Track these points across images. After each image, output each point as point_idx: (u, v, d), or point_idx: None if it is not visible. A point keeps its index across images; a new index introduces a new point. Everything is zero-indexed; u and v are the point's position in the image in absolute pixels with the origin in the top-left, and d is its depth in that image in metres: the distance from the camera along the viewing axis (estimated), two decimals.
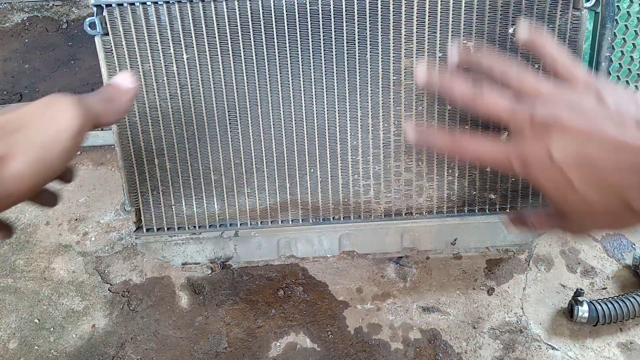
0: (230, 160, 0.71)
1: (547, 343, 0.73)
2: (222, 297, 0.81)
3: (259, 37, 0.66)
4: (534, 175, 0.40)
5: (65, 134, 0.39)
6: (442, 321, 0.76)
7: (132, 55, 0.66)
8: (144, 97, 0.68)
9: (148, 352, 0.75)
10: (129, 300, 0.82)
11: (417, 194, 0.74)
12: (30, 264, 0.87)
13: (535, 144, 0.39)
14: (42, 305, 0.82)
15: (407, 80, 0.68)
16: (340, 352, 0.74)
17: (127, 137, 0.70)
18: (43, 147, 0.38)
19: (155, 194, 0.73)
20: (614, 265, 0.82)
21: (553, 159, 0.38)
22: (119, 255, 0.89)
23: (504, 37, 0.67)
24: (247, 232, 0.75)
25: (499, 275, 0.82)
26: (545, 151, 0.38)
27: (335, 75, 0.68)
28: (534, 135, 0.39)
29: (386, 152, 0.72)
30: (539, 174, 0.39)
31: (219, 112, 0.69)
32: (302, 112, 0.70)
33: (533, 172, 0.40)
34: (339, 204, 0.74)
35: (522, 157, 0.40)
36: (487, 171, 0.73)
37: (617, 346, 0.72)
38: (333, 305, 0.79)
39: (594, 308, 0.72)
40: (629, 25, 0.89)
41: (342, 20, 0.65)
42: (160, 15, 0.65)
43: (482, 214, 0.75)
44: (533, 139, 0.39)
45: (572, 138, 0.37)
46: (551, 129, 0.38)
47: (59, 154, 0.38)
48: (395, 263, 0.84)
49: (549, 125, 0.38)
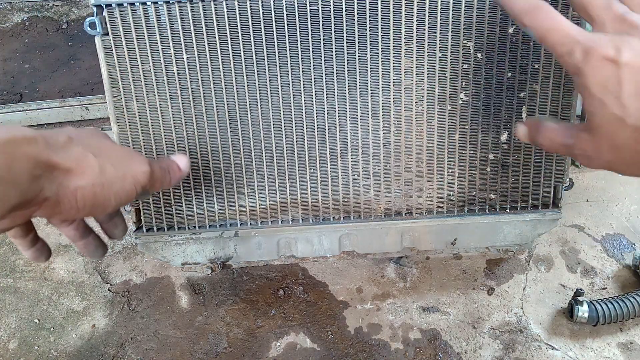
0: (230, 160, 0.71)
1: (547, 343, 0.73)
2: (222, 297, 0.81)
3: (259, 37, 0.66)
4: (589, 69, 0.38)
5: (132, 179, 0.43)
6: (442, 321, 0.76)
7: (132, 55, 0.66)
8: (144, 97, 0.68)
9: (148, 352, 0.75)
10: (129, 300, 0.82)
11: (417, 194, 0.74)
12: (30, 264, 0.87)
13: (610, 38, 0.38)
14: (42, 305, 0.82)
15: (407, 80, 0.69)
16: (340, 352, 0.74)
17: (127, 137, 0.70)
18: (110, 180, 0.41)
19: (155, 194, 0.73)
20: (614, 265, 0.82)
21: (620, 57, 0.37)
22: (119, 255, 0.89)
23: (504, 37, 0.67)
24: (247, 232, 0.75)
25: (499, 275, 0.82)
26: (615, 48, 0.37)
27: (335, 75, 0.68)
28: (614, 30, 0.39)
29: (386, 152, 0.72)
30: (595, 69, 0.37)
31: (219, 112, 0.69)
32: (302, 112, 0.70)
33: (590, 65, 0.38)
34: (339, 204, 0.74)
35: (588, 46, 0.38)
36: (487, 171, 0.73)
37: (617, 346, 0.72)
38: (333, 305, 0.79)
39: (594, 308, 0.72)
40: None
41: (342, 20, 0.65)
42: (160, 15, 0.65)
43: (482, 214, 0.75)
44: (610, 34, 0.38)
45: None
46: (635, 32, 0.37)
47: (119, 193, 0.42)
48: (395, 263, 0.84)
49: (637, 27, 0.38)
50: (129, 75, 0.67)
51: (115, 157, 0.43)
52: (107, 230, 0.53)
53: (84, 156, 0.40)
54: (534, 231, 0.77)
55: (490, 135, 0.71)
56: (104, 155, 0.42)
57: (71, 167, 0.38)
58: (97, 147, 0.42)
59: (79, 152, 0.39)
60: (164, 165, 0.49)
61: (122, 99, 0.68)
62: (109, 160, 0.41)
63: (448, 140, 0.71)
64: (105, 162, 0.41)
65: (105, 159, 0.41)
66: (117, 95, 0.68)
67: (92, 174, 0.40)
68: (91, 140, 0.42)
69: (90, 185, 0.39)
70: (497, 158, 0.72)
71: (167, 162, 0.50)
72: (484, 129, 0.71)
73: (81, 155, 0.39)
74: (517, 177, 0.73)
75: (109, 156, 0.42)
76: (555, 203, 0.75)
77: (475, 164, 0.73)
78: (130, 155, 0.45)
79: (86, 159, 0.40)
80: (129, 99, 0.68)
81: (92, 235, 0.51)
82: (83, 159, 0.39)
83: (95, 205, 0.41)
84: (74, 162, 0.39)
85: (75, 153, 0.39)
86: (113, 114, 0.69)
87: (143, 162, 0.45)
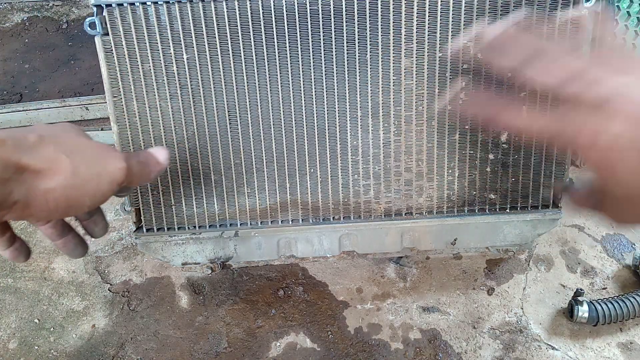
0: (230, 160, 0.71)
1: (547, 343, 0.73)
2: (222, 297, 0.81)
3: (259, 37, 0.66)
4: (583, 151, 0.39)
5: (108, 178, 0.41)
6: (442, 321, 0.76)
7: (132, 55, 0.66)
8: (144, 97, 0.68)
9: (148, 352, 0.75)
10: (129, 300, 0.82)
11: (417, 194, 0.74)
12: (30, 264, 0.87)
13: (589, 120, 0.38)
14: (42, 305, 0.82)
15: (407, 80, 0.68)
16: (340, 352, 0.74)
17: (127, 137, 0.70)
18: (84, 179, 0.39)
19: (155, 194, 0.73)
20: (614, 265, 0.82)
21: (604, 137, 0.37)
22: (119, 255, 0.89)
23: None
24: (247, 232, 0.75)
25: (499, 275, 0.82)
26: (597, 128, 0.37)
27: (335, 75, 0.68)
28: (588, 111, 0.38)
29: (386, 152, 0.72)
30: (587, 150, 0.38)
31: (219, 112, 0.69)
32: (302, 112, 0.70)
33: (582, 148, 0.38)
34: (339, 204, 0.74)
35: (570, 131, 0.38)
36: (487, 171, 0.73)
37: (617, 346, 0.72)
38: (333, 305, 0.79)
39: (594, 308, 0.72)
40: (629, 25, 0.89)
41: (342, 20, 0.65)
42: (160, 15, 0.65)
43: (482, 214, 0.75)
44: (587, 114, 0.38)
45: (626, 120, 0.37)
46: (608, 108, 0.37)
47: (94, 192, 0.40)
48: (395, 263, 0.84)
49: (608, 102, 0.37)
50: (129, 75, 0.67)
51: (90, 155, 0.41)
52: (87, 228, 0.51)
53: (56, 156, 0.38)
54: (534, 231, 0.77)
55: (490, 135, 0.71)
56: (77, 153, 0.40)
57: (42, 168, 0.37)
58: (70, 146, 0.40)
59: (50, 152, 0.38)
60: (142, 159, 0.47)
61: (122, 99, 0.68)
62: (82, 159, 0.40)
63: (448, 140, 0.71)
64: (79, 161, 0.39)
65: (78, 158, 0.39)
66: (117, 95, 0.68)
67: (64, 175, 0.38)
68: (64, 138, 0.40)
69: (62, 186, 0.38)
70: (497, 158, 0.72)
71: (145, 156, 0.48)
72: (484, 129, 0.71)
73: (52, 155, 0.38)
74: (517, 177, 0.73)
75: (82, 154, 0.40)
76: (556, 203, 0.75)
77: (475, 164, 0.73)
78: (106, 152, 0.43)
79: (58, 159, 0.38)
80: (129, 99, 0.68)
81: (72, 233, 0.49)
82: (54, 159, 0.38)
83: (68, 207, 0.39)
84: (45, 163, 0.37)
85: (46, 153, 0.37)
86: (113, 114, 0.69)
87: (119, 158, 0.43)
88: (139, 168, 0.46)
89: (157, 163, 0.49)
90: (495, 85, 0.69)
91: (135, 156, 0.46)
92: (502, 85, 0.69)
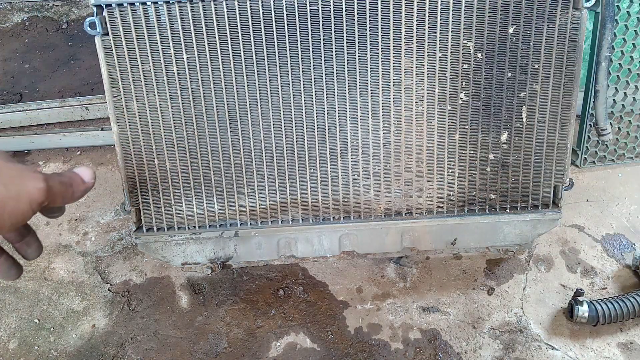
0: (230, 160, 0.71)
1: (547, 343, 0.73)
2: (222, 297, 0.81)
3: (259, 37, 0.66)
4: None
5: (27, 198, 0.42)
6: (442, 321, 0.76)
7: (132, 55, 0.66)
8: (144, 97, 0.68)
9: (148, 352, 0.75)
10: (129, 300, 0.82)
11: (417, 194, 0.74)
12: (30, 264, 0.87)
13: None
14: (42, 305, 0.82)
15: (407, 81, 0.69)
16: (340, 352, 0.74)
17: (127, 137, 0.70)
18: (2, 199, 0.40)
19: (155, 194, 0.73)
20: (614, 265, 0.82)
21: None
22: (119, 255, 0.89)
23: (504, 37, 0.67)
24: (247, 232, 0.76)
25: (499, 275, 0.82)
26: None
27: (335, 76, 0.68)
28: None
29: (386, 152, 0.72)
30: None
31: (219, 112, 0.69)
32: (302, 112, 0.70)
33: None
34: (339, 204, 0.74)
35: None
36: (487, 171, 0.73)
37: (617, 346, 0.72)
38: (333, 305, 0.79)
39: (594, 308, 0.72)
40: (629, 25, 0.89)
41: (342, 20, 0.65)
42: (160, 15, 0.65)
43: (482, 214, 0.75)
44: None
45: None
46: None
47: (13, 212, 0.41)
48: (395, 263, 0.84)
49: None
50: (129, 75, 0.67)
51: (7, 175, 0.41)
52: (20, 250, 0.50)
53: None
54: (534, 231, 0.77)
55: (490, 135, 0.71)
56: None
57: None
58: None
59: None
60: (64, 180, 0.47)
61: (122, 99, 0.68)
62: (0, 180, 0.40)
63: (448, 140, 0.71)
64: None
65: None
66: (117, 95, 0.68)
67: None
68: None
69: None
70: (497, 158, 0.72)
71: (69, 176, 0.48)
72: (484, 129, 0.71)
73: None
74: (517, 177, 0.73)
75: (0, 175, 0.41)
76: (555, 203, 0.75)
77: (475, 164, 0.73)
78: (25, 172, 0.43)
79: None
80: (129, 99, 0.68)
81: (4, 255, 0.48)
82: None
83: None
84: None
85: None
86: (113, 114, 0.69)
87: (38, 179, 0.43)
88: (61, 188, 0.46)
89: (81, 183, 0.49)
90: (495, 85, 0.69)
91: (57, 177, 0.47)
92: (502, 85, 0.69)
